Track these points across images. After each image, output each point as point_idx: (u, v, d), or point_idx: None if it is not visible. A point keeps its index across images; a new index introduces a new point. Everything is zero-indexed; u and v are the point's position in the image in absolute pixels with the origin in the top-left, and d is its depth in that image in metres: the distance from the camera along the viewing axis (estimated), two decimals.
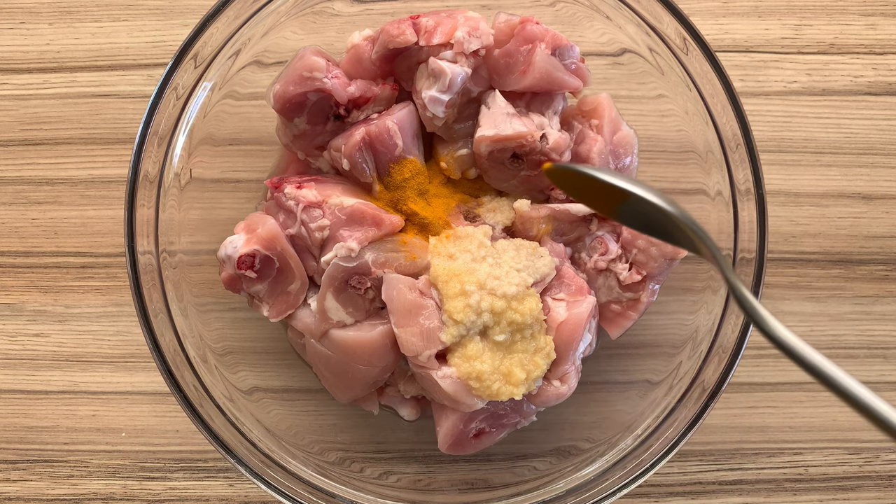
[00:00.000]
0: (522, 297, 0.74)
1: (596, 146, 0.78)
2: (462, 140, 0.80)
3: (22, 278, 0.91)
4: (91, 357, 0.90)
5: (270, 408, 0.84)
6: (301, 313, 0.78)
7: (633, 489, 0.74)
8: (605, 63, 0.83)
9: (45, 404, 0.90)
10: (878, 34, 0.91)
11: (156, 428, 0.90)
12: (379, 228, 0.76)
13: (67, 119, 0.91)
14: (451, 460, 0.86)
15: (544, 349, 0.75)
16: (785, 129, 0.91)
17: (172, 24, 0.91)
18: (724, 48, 0.91)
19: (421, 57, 0.76)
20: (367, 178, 0.78)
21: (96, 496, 0.90)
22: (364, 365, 0.77)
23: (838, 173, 0.91)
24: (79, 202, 0.91)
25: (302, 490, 0.75)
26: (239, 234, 0.76)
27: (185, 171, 0.79)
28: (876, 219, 0.91)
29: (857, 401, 0.53)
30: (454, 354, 0.74)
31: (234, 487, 0.90)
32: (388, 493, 0.79)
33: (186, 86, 0.76)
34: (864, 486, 0.90)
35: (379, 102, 0.78)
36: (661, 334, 0.85)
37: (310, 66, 0.75)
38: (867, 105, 0.91)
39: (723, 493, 0.90)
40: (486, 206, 0.81)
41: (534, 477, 0.81)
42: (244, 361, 0.84)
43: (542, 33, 0.75)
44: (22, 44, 0.91)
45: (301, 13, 0.79)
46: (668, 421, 0.77)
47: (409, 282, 0.76)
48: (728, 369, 0.75)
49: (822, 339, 0.91)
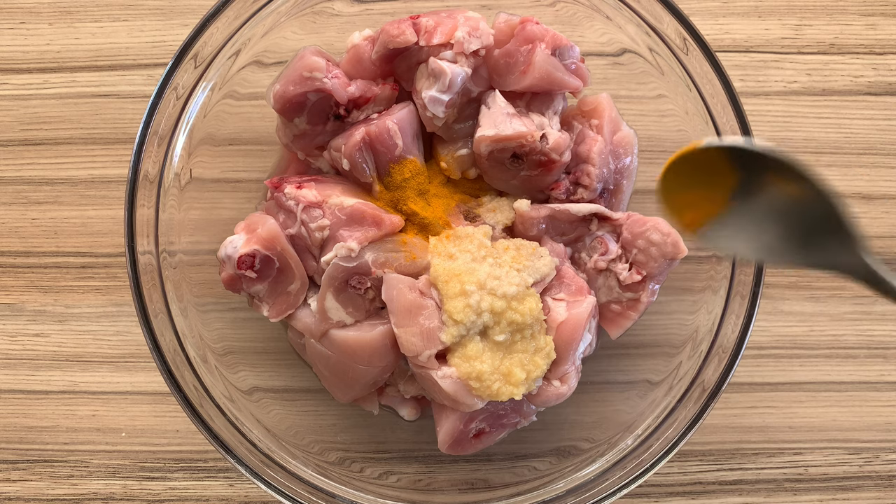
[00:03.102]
0: (522, 297, 0.74)
1: (596, 146, 0.78)
2: (462, 140, 0.80)
3: (22, 278, 0.91)
4: (91, 357, 0.90)
5: (270, 408, 0.84)
6: (301, 313, 0.78)
7: (633, 489, 0.74)
8: (605, 63, 0.83)
9: (45, 404, 0.90)
10: (878, 34, 0.91)
11: (156, 428, 0.90)
12: (379, 228, 0.76)
13: (67, 119, 0.91)
14: (451, 460, 0.86)
15: (544, 349, 0.75)
16: (785, 129, 0.91)
17: (172, 24, 0.91)
18: (724, 48, 0.91)
19: (421, 57, 0.76)
20: (367, 178, 0.78)
21: (96, 496, 0.90)
22: (364, 365, 0.77)
23: (838, 173, 0.91)
24: (79, 202, 0.91)
25: (302, 490, 0.75)
26: (239, 234, 0.76)
27: (185, 171, 0.79)
28: (876, 219, 0.91)
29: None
30: (454, 354, 0.74)
31: (234, 487, 0.90)
32: (388, 493, 0.79)
33: (186, 86, 0.76)
34: (864, 486, 0.90)
35: (379, 102, 0.78)
36: (661, 334, 0.85)
37: (310, 66, 0.75)
38: (867, 105, 0.91)
39: (723, 493, 0.90)
40: (486, 206, 0.81)
41: (534, 477, 0.81)
42: (244, 361, 0.84)
43: (542, 33, 0.75)
44: (22, 44, 0.91)
45: (301, 13, 0.79)
46: (668, 421, 0.77)
47: (409, 282, 0.76)
48: (728, 369, 0.75)
49: (822, 339, 0.91)
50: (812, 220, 0.56)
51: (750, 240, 0.60)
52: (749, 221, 0.59)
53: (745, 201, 0.59)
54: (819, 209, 0.56)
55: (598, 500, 0.74)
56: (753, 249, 0.61)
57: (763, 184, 0.58)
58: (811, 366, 0.91)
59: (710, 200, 0.61)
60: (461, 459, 0.86)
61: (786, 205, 0.57)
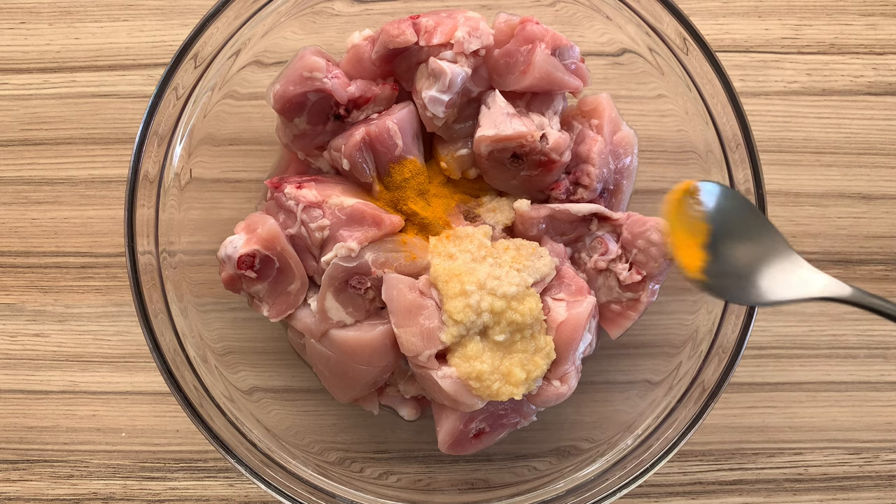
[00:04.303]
0: (522, 297, 0.74)
1: (596, 146, 0.78)
2: (462, 140, 0.80)
3: (22, 278, 0.91)
4: (91, 357, 0.90)
5: (270, 408, 0.84)
6: (301, 313, 0.78)
7: (633, 489, 0.74)
8: (605, 63, 0.83)
9: (45, 404, 0.90)
10: (878, 34, 0.91)
11: (156, 428, 0.90)
12: (379, 228, 0.76)
13: (67, 119, 0.91)
14: (451, 460, 0.86)
15: (544, 349, 0.75)
16: (785, 129, 0.91)
17: (172, 24, 0.91)
18: (724, 48, 0.91)
19: (421, 57, 0.76)
20: (367, 178, 0.78)
21: (96, 496, 0.90)
22: (364, 365, 0.77)
23: (838, 173, 0.91)
24: (79, 202, 0.91)
25: (302, 490, 0.75)
26: (239, 234, 0.76)
27: (185, 171, 0.79)
28: (876, 219, 0.91)
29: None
30: (454, 354, 0.74)
31: (234, 487, 0.90)
32: (388, 493, 0.79)
33: (186, 86, 0.76)
34: (864, 486, 0.90)
35: (379, 102, 0.78)
36: (661, 334, 0.85)
37: (310, 66, 0.75)
38: (867, 105, 0.91)
39: (723, 493, 0.90)
40: (486, 206, 0.81)
41: (534, 477, 0.81)
42: (244, 361, 0.84)
43: (542, 33, 0.75)
44: (22, 44, 0.91)
45: (301, 13, 0.79)
46: (668, 421, 0.77)
47: (409, 282, 0.76)
48: (728, 369, 0.75)
49: (822, 339, 0.91)
50: (762, 256, 0.66)
51: (732, 286, 0.69)
52: (726, 268, 0.68)
53: (716, 250, 0.68)
54: (763, 243, 0.67)
55: (598, 500, 0.74)
56: (739, 294, 0.69)
57: (726, 231, 0.69)
58: (811, 366, 0.91)
59: (693, 247, 0.70)
60: (461, 459, 0.86)
61: (743, 248, 0.68)
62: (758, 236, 0.67)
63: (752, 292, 0.68)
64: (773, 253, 0.67)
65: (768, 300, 0.68)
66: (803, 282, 0.66)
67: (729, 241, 0.69)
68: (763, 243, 0.67)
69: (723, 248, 0.69)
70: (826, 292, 0.65)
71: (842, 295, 0.65)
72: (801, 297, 0.66)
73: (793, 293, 0.66)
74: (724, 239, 0.69)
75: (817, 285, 0.66)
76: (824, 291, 0.65)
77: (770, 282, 0.67)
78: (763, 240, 0.67)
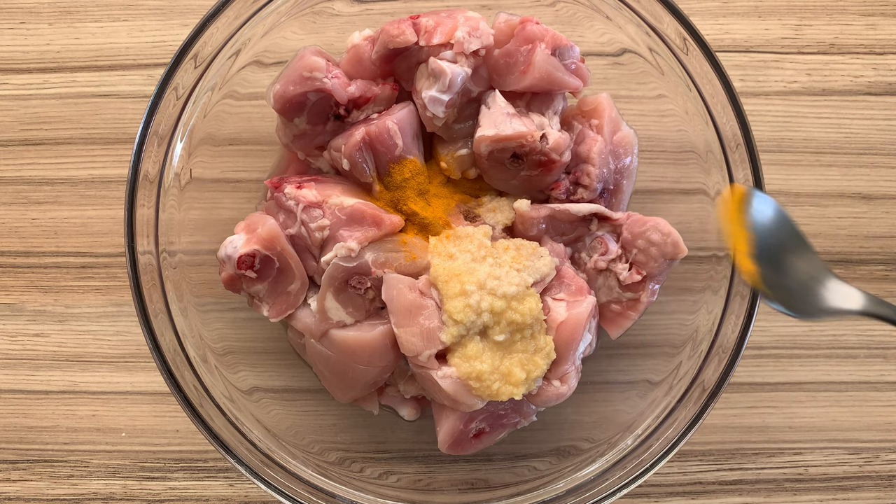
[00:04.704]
0: (522, 297, 0.74)
1: (596, 146, 0.78)
2: (462, 140, 0.80)
3: (22, 278, 0.91)
4: (91, 357, 0.90)
5: (270, 408, 0.84)
6: (301, 313, 0.78)
7: (633, 489, 0.74)
8: (605, 63, 0.83)
9: (45, 404, 0.90)
10: (878, 34, 0.91)
11: (156, 428, 0.90)
12: (379, 228, 0.76)
13: (67, 119, 0.91)
14: (451, 460, 0.86)
15: (544, 349, 0.75)
16: (785, 129, 0.91)
17: (172, 24, 0.91)
18: (724, 48, 0.91)
19: (421, 57, 0.76)
20: (367, 178, 0.78)
21: (96, 496, 0.90)
22: (364, 365, 0.77)
23: (838, 173, 0.91)
24: (79, 202, 0.91)
25: (302, 490, 0.75)
26: (239, 234, 0.76)
27: (185, 171, 0.79)
28: (876, 219, 0.91)
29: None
30: (454, 354, 0.74)
31: (234, 487, 0.90)
32: (388, 493, 0.79)
33: (186, 86, 0.76)
34: (864, 486, 0.90)
35: (379, 102, 0.78)
36: (661, 334, 0.85)
37: (310, 66, 0.75)
38: (867, 105, 0.91)
39: (723, 493, 0.90)
40: (486, 206, 0.81)
41: (534, 477, 0.81)
42: (244, 361, 0.84)
43: (542, 33, 0.75)
44: (22, 44, 0.91)
45: (301, 13, 0.79)
46: (668, 421, 0.77)
47: (409, 282, 0.76)
48: (728, 369, 0.75)
49: (822, 339, 0.91)
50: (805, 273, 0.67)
51: (781, 297, 0.70)
52: (773, 278, 0.70)
53: (762, 259, 0.70)
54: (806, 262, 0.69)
55: (598, 500, 0.74)
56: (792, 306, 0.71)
57: (770, 243, 0.70)
58: (811, 366, 0.91)
59: (743, 254, 0.71)
60: (461, 459, 0.86)
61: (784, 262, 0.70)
62: (796, 250, 0.68)
63: (797, 307, 0.70)
64: (812, 270, 0.68)
65: (814, 315, 0.69)
66: (846, 297, 0.67)
67: (773, 254, 0.70)
68: (804, 259, 0.68)
69: (768, 259, 0.71)
70: (870, 309, 0.66)
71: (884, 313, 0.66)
72: (846, 309, 0.67)
73: (838, 306, 0.67)
74: (768, 250, 0.70)
75: (859, 301, 0.67)
76: (866, 308, 0.66)
77: (813, 296, 0.69)
78: (803, 257, 0.68)
